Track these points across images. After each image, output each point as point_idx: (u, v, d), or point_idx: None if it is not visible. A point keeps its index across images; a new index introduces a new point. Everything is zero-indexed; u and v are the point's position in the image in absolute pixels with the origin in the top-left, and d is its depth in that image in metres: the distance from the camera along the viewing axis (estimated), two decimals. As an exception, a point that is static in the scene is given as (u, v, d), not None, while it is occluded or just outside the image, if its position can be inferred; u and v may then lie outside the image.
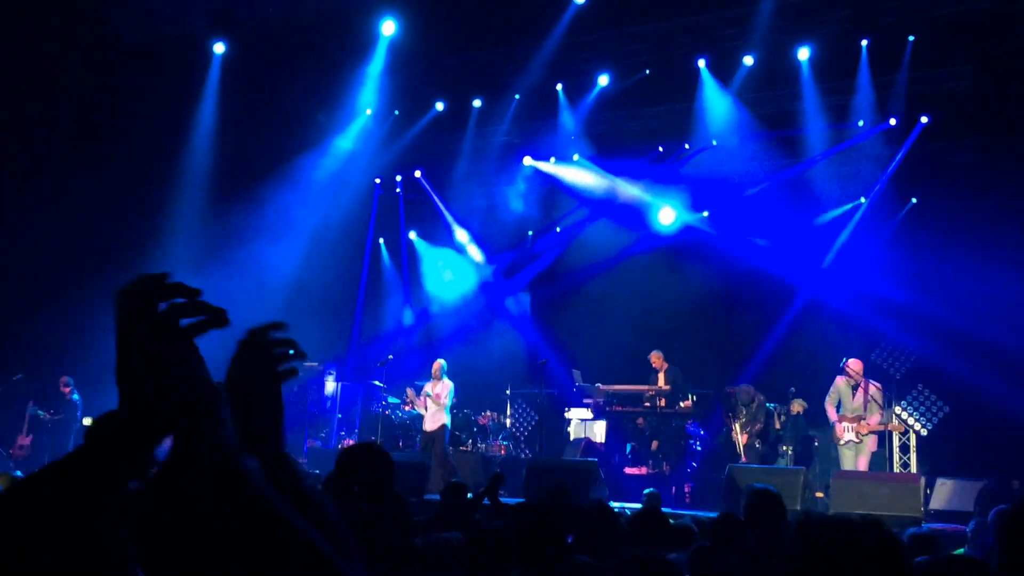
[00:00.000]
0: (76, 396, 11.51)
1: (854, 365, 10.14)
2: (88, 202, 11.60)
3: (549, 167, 13.88)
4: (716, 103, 12.24)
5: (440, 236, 14.91)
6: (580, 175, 13.78)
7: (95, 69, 11.28)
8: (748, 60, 11.56)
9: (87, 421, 11.31)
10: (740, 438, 10.66)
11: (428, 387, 11.40)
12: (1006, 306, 10.33)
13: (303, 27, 11.52)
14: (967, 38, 10.55)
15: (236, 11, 11.76)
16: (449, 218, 14.78)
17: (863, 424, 9.98)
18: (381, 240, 15.32)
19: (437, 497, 7.19)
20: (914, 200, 12.29)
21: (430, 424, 11.15)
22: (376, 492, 2.92)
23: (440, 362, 11.50)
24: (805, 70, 11.45)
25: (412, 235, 15.03)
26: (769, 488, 4.76)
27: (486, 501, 5.42)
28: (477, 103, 13.34)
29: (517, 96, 12.96)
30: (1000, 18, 10.09)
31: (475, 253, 14.79)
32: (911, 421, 11.93)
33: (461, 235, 14.78)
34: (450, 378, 11.56)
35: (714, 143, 12.74)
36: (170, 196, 12.38)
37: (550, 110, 13.08)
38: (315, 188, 13.56)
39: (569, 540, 3.25)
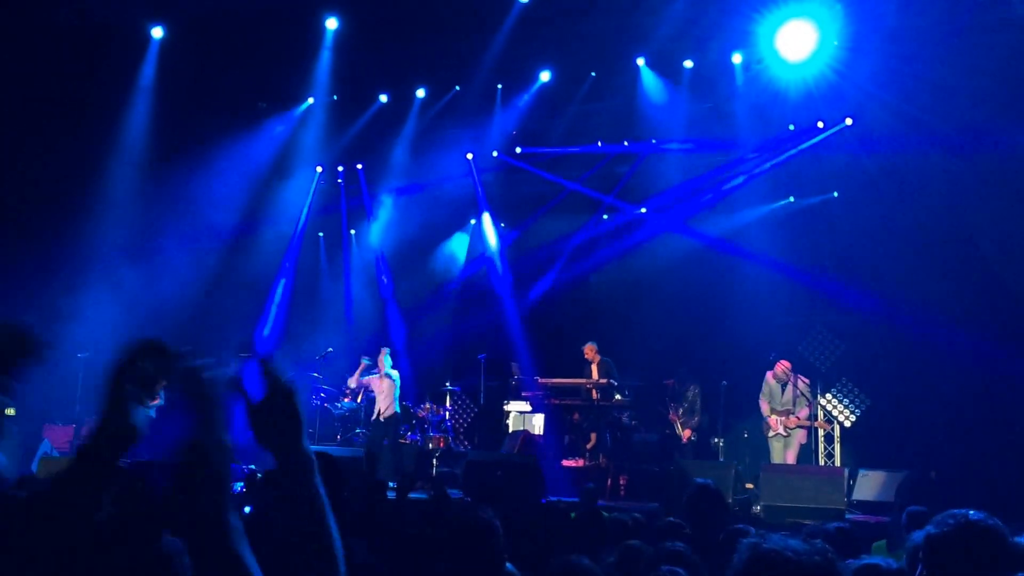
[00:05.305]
0: None
1: (782, 366, 10.55)
2: (17, 187, 11.26)
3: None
4: (655, 102, 12.41)
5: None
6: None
7: (27, 52, 10.92)
8: (688, 63, 11.72)
9: (9, 412, 10.99)
10: (681, 430, 10.89)
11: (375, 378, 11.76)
12: (928, 302, 10.78)
13: (245, 12, 11.29)
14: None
15: (175, -6, 11.49)
16: (375, 227, 14.71)
17: (791, 419, 10.39)
18: (320, 234, 15.16)
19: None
20: (836, 194, 12.67)
21: (388, 409, 11.52)
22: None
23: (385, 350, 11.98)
24: (739, 73, 11.66)
25: (352, 232, 14.91)
26: (708, 484, 4.88)
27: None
28: (421, 93, 13.25)
29: (457, 87, 12.93)
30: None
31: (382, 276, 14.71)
32: (836, 413, 12.38)
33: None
34: (391, 369, 11.76)
35: (653, 141, 12.93)
36: (102, 182, 12.06)
37: (492, 104, 13.08)
38: (254, 177, 13.36)
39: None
